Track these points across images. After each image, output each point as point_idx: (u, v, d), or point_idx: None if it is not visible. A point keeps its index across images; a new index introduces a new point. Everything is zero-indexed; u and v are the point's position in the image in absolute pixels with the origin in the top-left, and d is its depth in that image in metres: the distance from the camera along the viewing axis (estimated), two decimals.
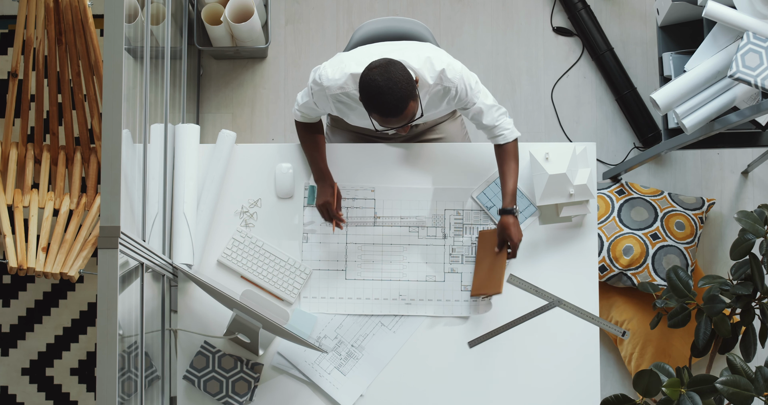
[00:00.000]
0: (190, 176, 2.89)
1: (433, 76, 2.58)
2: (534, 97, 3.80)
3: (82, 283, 3.68)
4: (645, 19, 3.84)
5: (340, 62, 2.63)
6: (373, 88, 2.43)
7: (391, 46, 2.66)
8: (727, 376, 2.57)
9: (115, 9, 2.13)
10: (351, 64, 2.60)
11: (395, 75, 2.43)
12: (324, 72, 2.63)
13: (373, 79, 2.43)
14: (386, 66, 2.44)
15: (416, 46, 2.64)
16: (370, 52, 2.63)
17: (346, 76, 2.59)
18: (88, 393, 3.66)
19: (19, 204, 3.24)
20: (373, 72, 2.44)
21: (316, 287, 2.91)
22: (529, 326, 2.88)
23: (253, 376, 2.85)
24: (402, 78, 2.43)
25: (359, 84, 2.47)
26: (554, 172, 2.80)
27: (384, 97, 2.42)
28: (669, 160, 3.76)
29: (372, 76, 2.43)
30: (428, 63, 2.58)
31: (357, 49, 2.69)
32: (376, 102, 2.43)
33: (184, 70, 3.40)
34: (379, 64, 2.45)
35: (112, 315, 2.03)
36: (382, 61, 2.47)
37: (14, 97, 3.22)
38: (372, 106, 2.45)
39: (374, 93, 2.43)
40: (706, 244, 3.70)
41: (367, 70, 2.46)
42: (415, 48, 2.63)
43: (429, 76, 2.58)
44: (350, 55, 2.65)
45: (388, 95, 2.41)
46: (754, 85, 2.68)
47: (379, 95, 2.42)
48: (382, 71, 2.43)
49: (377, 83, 2.42)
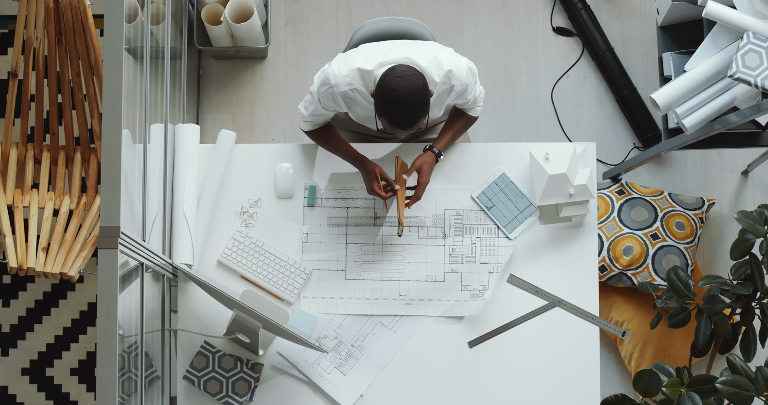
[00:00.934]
0: (190, 176, 2.89)
1: (440, 75, 2.58)
2: (534, 97, 3.80)
3: (82, 283, 3.68)
4: (645, 19, 3.84)
5: (346, 59, 2.62)
6: (392, 97, 2.41)
7: (397, 44, 2.65)
8: (727, 376, 2.57)
9: (115, 9, 2.13)
10: (357, 60, 2.58)
11: (416, 90, 2.40)
12: (330, 70, 2.62)
13: (394, 89, 2.40)
14: (411, 77, 2.41)
15: (422, 45, 2.64)
16: (376, 48, 2.62)
17: (353, 71, 2.57)
18: (88, 393, 3.66)
19: (19, 204, 3.24)
20: (397, 81, 2.41)
21: (316, 287, 2.91)
22: (529, 326, 2.88)
23: (253, 376, 2.85)
24: (422, 95, 2.41)
25: (378, 85, 2.44)
26: (554, 172, 2.80)
27: (400, 110, 2.41)
28: (669, 160, 3.76)
29: (394, 84, 2.41)
30: (435, 62, 2.57)
31: (363, 47, 2.68)
32: (390, 112, 2.42)
33: (184, 70, 3.40)
34: (403, 74, 2.42)
35: (112, 315, 2.03)
36: (406, 70, 2.43)
37: (14, 97, 3.22)
38: (384, 113, 2.44)
39: (391, 103, 2.41)
40: (706, 244, 3.70)
41: (391, 76, 2.42)
42: (421, 47, 2.62)
43: (436, 74, 2.58)
44: (355, 52, 2.63)
45: (405, 109, 2.41)
46: (754, 85, 2.68)
47: (396, 107, 2.41)
48: (405, 83, 2.40)
49: (398, 94, 2.40)
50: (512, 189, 2.93)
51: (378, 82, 2.45)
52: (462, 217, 2.93)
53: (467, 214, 2.93)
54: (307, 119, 2.79)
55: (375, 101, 2.45)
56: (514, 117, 3.78)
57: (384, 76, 2.44)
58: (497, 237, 2.92)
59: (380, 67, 2.54)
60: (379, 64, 2.55)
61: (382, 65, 2.54)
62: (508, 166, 2.94)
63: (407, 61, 2.54)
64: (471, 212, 2.93)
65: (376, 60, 2.56)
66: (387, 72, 2.45)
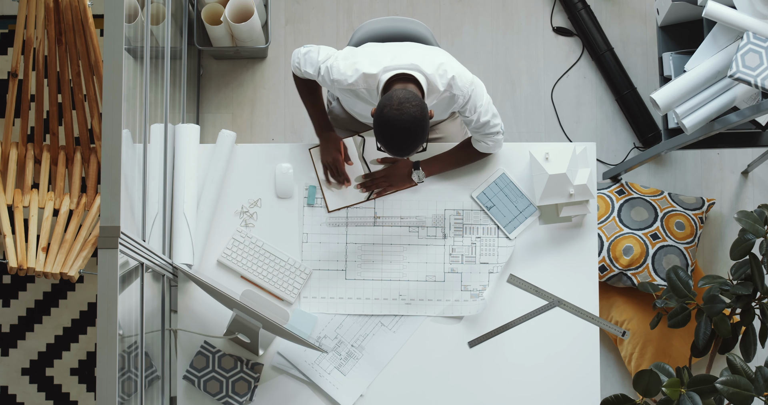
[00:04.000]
0: (190, 176, 2.89)
1: (444, 83, 2.56)
2: (534, 97, 3.80)
3: (82, 283, 3.68)
4: (645, 19, 3.84)
5: (353, 57, 2.60)
6: (387, 129, 2.39)
7: (404, 49, 2.63)
8: (727, 376, 2.57)
9: (115, 9, 2.13)
10: (364, 63, 2.56)
11: (414, 123, 2.37)
12: (335, 64, 2.60)
13: (391, 121, 2.38)
14: (409, 108, 2.37)
15: (428, 51, 2.62)
16: (383, 50, 2.60)
17: (359, 74, 2.56)
18: (88, 393, 3.66)
19: (19, 204, 3.24)
20: (394, 113, 2.37)
21: (316, 287, 2.91)
22: (529, 326, 2.88)
23: (253, 376, 2.85)
24: (419, 125, 2.38)
25: (377, 114, 2.40)
26: (554, 172, 2.80)
27: (396, 141, 2.40)
28: (669, 160, 3.76)
29: (391, 117, 2.38)
30: (441, 69, 2.55)
31: (369, 46, 2.66)
32: (387, 141, 2.41)
33: (184, 70, 3.40)
34: (401, 106, 2.38)
35: (112, 315, 2.03)
36: (405, 100, 2.38)
37: (14, 97, 3.22)
38: (381, 141, 2.43)
39: (388, 135, 2.40)
40: (706, 244, 3.70)
41: (389, 107, 2.38)
42: (427, 53, 2.60)
43: (441, 82, 2.56)
44: (364, 52, 2.61)
45: (402, 141, 2.40)
46: (754, 85, 2.68)
47: (392, 139, 2.40)
48: (403, 117, 2.37)
49: (393, 127, 2.38)
50: (512, 189, 2.93)
51: (377, 109, 2.42)
52: (462, 217, 2.93)
53: (467, 214, 2.93)
54: (298, 69, 2.73)
55: (374, 125, 2.43)
56: (514, 117, 3.78)
57: (383, 105, 2.40)
58: (497, 237, 2.92)
59: (385, 71, 2.53)
60: (384, 68, 2.53)
61: (387, 70, 2.53)
62: (508, 166, 2.94)
63: (413, 68, 2.52)
64: (471, 212, 2.93)
65: (382, 64, 2.54)
66: (386, 102, 2.40)
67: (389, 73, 2.52)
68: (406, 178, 2.89)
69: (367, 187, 2.89)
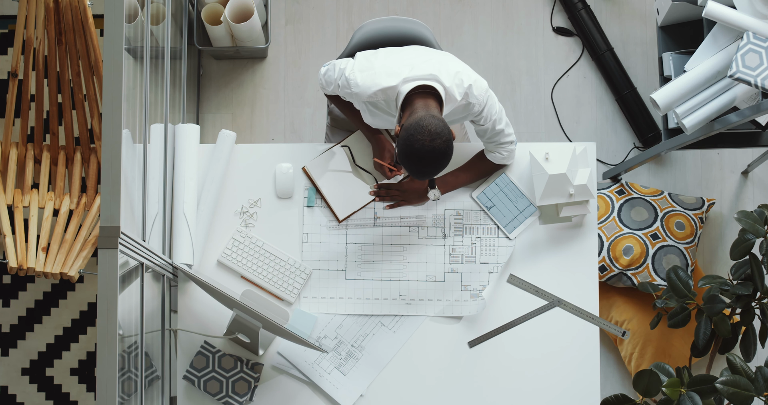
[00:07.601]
0: (190, 176, 2.89)
1: (461, 93, 2.54)
2: (534, 97, 3.80)
3: (82, 283, 3.68)
4: (645, 19, 3.84)
5: (371, 69, 2.57)
6: (414, 157, 2.38)
7: (419, 54, 2.59)
8: (727, 376, 2.57)
9: (115, 9, 2.13)
10: (382, 76, 2.54)
11: (441, 153, 2.37)
12: (353, 77, 2.58)
13: (419, 152, 2.37)
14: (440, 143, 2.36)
15: (443, 58, 2.59)
16: (400, 59, 2.57)
17: (378, 87, 2.53)
18: (88, 393, 3.66)
19: (19, 204, 3.24)
20: (425, 146, 2.36)
21: (316, 287, 2.91)
22: (529, 326, 2.88)
23: (253, 376, 2.85)
24: (445, 155, 2.39)
25: (404, 139, 2.38)
26: (554, 172, 2.80)
27: (420, 169, 2.40)
28: (669, 160, 3.76)
29: (421, 147, 2.36)
30: (458, 78, 2.53)
31: (384, 53, 2.63)
32: (410, 166, 2.41)
33: (184, 70, 3.40)
34: (432, 141, 2.36)
35: (112, 315, 2.03)
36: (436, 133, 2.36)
37: (14, 97, 3.22)
38: (406, 165, 2.42)
39: (414, 161, 2.39)
40: (706, 244, 3.71)
41: (420, 136, 2.36)
42: (443, 60, 2.57)
43: (458, 92, 2.53)
44: (381, 62, 2.58)
45: (427, 171, 2.40)
46: (754, 85, 2.69)
47: (416, 167, 2.40)
48: (435, 152, 2.36)
49: (422, 160, 2.37)
50: (512, 189, 2.93)
51: (405, 132, 2.39)
52: (462, 217, 2.93)
53: (467, 214, 2.93)
54: (327, 91, 2.76)
55: (399, 147, 2.41)
56: (514, 117, 3.78)
57: (414, 132, 2.37)
58: (497, 237, 2.92)
59: (404, 82, 2.50)
60: (404, 79, 2.50)
61: (407, 81, 2.50)
62: (508, 166, 2.94)
63: (432, 78, 2.48)
64: (471, 212, 2.93)
65: (401, 75, 2.51)
66: (417, 130, 2.37)
67: (409, 85, 2.49)
68: (421, 195, 2.89)
69: (381, 196, 2.88)
